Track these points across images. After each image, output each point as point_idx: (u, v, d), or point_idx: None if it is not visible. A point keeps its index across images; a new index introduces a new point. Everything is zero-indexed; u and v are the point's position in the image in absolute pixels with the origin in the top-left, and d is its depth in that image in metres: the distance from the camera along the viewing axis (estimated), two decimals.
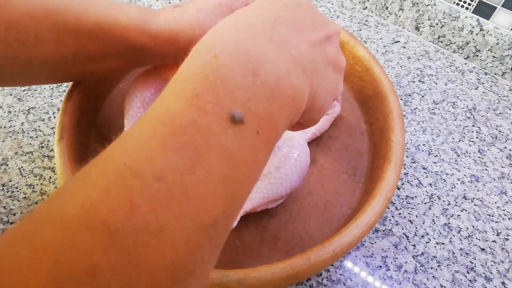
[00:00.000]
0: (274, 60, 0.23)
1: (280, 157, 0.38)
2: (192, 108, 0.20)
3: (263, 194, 0.37)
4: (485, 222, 0.45)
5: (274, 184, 0.38)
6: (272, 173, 0.38)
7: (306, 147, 0.40)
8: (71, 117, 0.41)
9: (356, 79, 0.50)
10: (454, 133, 0.51)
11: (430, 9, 0.58)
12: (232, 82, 0.21)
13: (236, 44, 0.22)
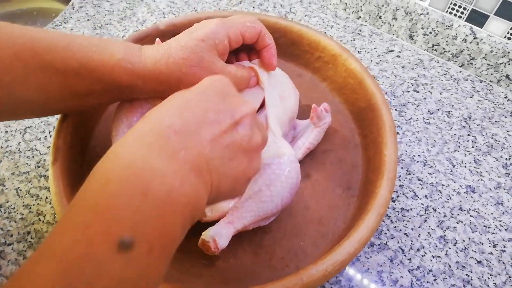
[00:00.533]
0: (165, 173, 0.24)
1: (270, 175, 0.38)
2: (82, 241, 0.21)
3: (254, 212, 0.38)
4: (481, 234, 0.44)
5: (264, 202, 0.38)
6: (262, 191, 0.38)
7: (296, 163, 0.40)
8: (65, 138, 0.41)
9: (349, 91, 0.50)
10: (450, 143, 0.51)
11: (423, 18, 0.58)
12: (121, 208, 0.22)
13: (128, 163, 0.23)
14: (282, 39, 0.54)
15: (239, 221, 0.38)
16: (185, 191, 0.24)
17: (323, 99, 0.52)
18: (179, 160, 0.25)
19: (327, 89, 0.53)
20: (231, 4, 0.66)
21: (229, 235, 0.37)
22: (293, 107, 0.46)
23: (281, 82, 0.47)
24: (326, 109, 0.46)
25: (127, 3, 0.66)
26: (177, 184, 0.24)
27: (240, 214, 0.38)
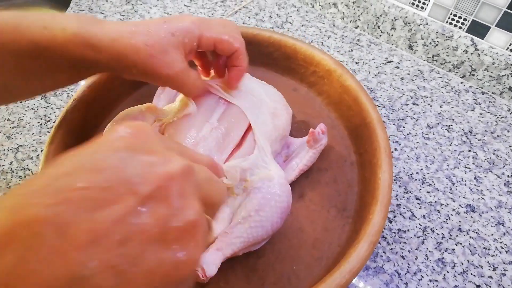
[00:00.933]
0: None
1: (259, 199, 0.37)
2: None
3: (243, 238, 0.37)
4: (481, 256, 0.43)
5: (254, 227, 0.37)
6: (252, 217, 0.37)
7: (287, 186, 0.39)
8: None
9: (344, 107, 0.49)
10: (449, 159, 0.50)
11: (422, 29, 0.56)
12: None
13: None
14: (276, 53, 0.52)
15: (229, 248, 0.37)
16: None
17: (318, 114, 0.51)
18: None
19: (322, 103, 0.52)
20: (227, 15, 0.65)
21: (218, 262, 0.36)
22: (284, 125, 0.45)
23: (274, 99, 0.46)
24: (323, 131, 0.45)
25: (121, 15, 0.65)
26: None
27: (229, 240, 0.37)
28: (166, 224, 0.18)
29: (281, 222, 0.39)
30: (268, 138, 0.42)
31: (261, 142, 0.41)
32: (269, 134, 0.42)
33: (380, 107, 0.54)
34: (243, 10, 0.66)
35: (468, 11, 0.51)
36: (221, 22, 0.39)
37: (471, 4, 0.51)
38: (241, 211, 0.38)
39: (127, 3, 0.67)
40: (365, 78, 0.57)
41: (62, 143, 0.42)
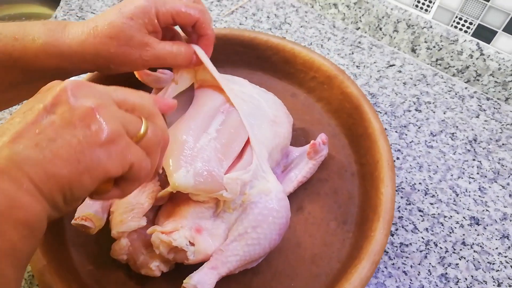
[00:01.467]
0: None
1: (257, 215, 0.35)
2: None
3: (239, 256, 0.35)
4: (485, 271, 0.42)
5: (251, 245, 0.35)
6: (248, 233, 0.35)
7: (285, 201, 0.38)
8: None
9: (345, 115, 0.47)
10: (453, 169, 0.48)
11: (426, 32, 0.54)
12: None
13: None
14: (274, 57, 0.50)
15: (224, 266, 0.35)
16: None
17: (318, 122, 0.49)
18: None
19: (322, 110, 0.50)
20: (222, 15, 0.62)
21: (212, 282, 0.34)
22: (285, 133, 0.43)
23: (274, 107, 0.44)
24: (324, 141, 0.43)
25: None
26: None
27: (225, 258, 0.35)
28: (70, 114, 0.24)
29: (279, 239, 0.37)
30: (266, 146, 0.40)
31: (257, 149, 0.39)
32: (268, 142, 0.40)
33: (381, 113, 0.53)
34: (240, 10, 0.63)
35: (474, 15, 0.49)
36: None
37: (478, 8, 0.48)
38: (237, 228, 0.36)
39: (118, 2, 0.64)
40: (366, 82, 0.55)
41: None
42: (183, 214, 0.35)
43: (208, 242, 0.36)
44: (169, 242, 0.33)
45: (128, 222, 0.34)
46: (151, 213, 0.37)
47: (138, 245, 0.36)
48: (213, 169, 0.35)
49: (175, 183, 0.33)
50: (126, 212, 0.35)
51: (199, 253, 0.35)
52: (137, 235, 0.36)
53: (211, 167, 0.35)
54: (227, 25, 0.61)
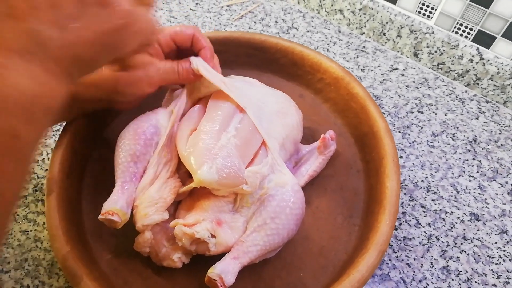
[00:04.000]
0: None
1: (275, 207, 0.37)
2: None
3: (260, 246, 0.37)
4: (484, 264, 0.43)
5: (271, 235, 0.37)
6: (268, 224, 0.37)
7: (300, 192, 0.40)
8: (62, 167, 0.41)
9: (351, 114, 0.49)
10: (454, 168, 0.50)
11: (428, 37, 0.56)
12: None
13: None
14: (283, 59, 0.53)
15: (245, 256, 0.37)
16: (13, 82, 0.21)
17: (325, 121, 0.51)
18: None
19: (329, 110, 0.52)
20: (232, 19, 0.65)
21: (235, 271, 0.36)
22: (294, 124, 0.45)
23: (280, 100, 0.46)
24: (332, 137, 0.45)
25: None
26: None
27: (246, 249, 0.37)
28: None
29: (296, 229, 0.39)
30: (277, 138, 0.42)
31: (270, 144, 0.41)
32: (278, 134, 0.42)
33: (385, 114, 0.55)
34: (249, 15, 0.66)
35: (474, 21, 0.52)
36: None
37: (478, 15, 0.51)
38: (257, 219, 0.37)
39: None
40: (370, 85, 0.58)
41: (69, 147, 0.42)
42: (203, 208, 0.37)
43: (229, 234, 0.37)
44: (191, 234, 0.35)
45: (151, 216, 0.36)
46: (172, 208, 0.39)
47: (160, 238, 0.38)
48: (235, 164, 0.37)
49: (200, 179, 0.35)
50: (150, 206, 0.37)
51: (220, 245, 0.37)
52: (159, 228, 0.38)
53: (233, 162, 0.37)
54: (237, 29, 0.64)
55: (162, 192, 0.38)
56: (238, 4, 0.67)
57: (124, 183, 0.39)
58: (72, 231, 0.38)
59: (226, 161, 0.36)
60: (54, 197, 0.38)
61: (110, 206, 0.37)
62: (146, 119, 0.42)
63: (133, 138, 0.40)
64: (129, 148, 0.39)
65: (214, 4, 0.67)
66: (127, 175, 0.39)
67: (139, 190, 0.39)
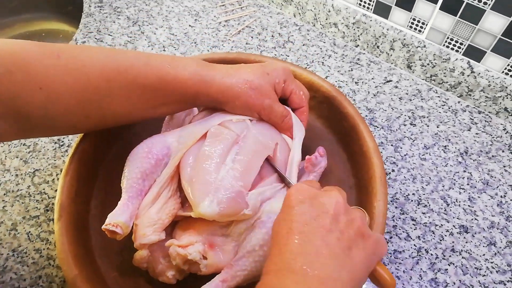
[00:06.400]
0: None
1: (264, 235, 0.39)
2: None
3: (247, 271, 0.39)
4: (472, 276, 0.45)
5: (258, 262, 0.39)
6: (256, 251, 0.39)
7: None
8: (69, 193, 0.44)
9: (343, 133, 0.51)
10: (445, 180, 0.52)
11: (420, 50, 0.57)
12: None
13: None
14: None
15: (233, 280, 0.39)
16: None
17: (319, 137, 0.53)
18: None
19: (323, 126, 0.54)
20: (230, 35, 0.67)
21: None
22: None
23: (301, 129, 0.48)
24: (321, 154, 0.47)
25: (128, 36, 0.67)
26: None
27: (235, 273, 0.39)
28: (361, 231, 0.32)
29: None
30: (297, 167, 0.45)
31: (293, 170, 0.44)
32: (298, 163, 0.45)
33: (378, 127, 0.56)
34: (246, 30, 0.68)
35: (464, 36, 0.53)
36: (301, 84, 0.47)
37: (467, 30, 0.52)
38: (246, 245, 0.40)
39: (133, 25, 0.69)
40: (364, 98, 0.59)
41: (76, 174, 0.45)
42: (198, 229, 0.40)
43: (219, 257, 0.40)
44: (184, 255, 0.37)
45: (149, 236, 0.39)
46: (169, 228, 0.42)
47: (157, 255, 0.41)
48: (235, 193, 0.39)
49: (201, 213, 0.37)
50: (148, 226, 0.39)
51: (211, 266, 0.40)
52: (156, 246, 0.40)
53: (233, 192, 0.39)
54: (235, 44, 0.66)
55: (161, 214, 0.40)
56: (235, 19, 0.68)
57: (131, 198, 0.41)
58: (80, 254, 0.41)
59: (226, 192, 0.38)
60: (63, 222, 0.41)
61: (115, 219, 0.39)
62: (161, 140, 0.44)
63: (146, 156, 0.42)
64: (140, 165, 0.41)
65: (212, 20, 0.69)
66: (134, 190, 0.42)
67: (142, 208, 0.42)
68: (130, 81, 0.39)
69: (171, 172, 0.43)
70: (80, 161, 0.46)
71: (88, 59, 0.38)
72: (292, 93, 0.45)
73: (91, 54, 0.39)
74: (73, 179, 0.45)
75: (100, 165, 0.50)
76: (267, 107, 0.43)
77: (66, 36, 0.90)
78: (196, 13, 0.71)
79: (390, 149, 0.54)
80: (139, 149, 0.43)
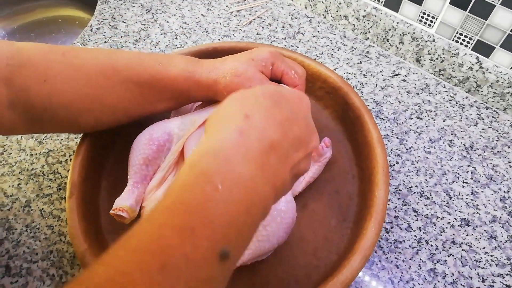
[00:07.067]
0: (265, 192, 0.26)
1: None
2: (186, 243, 0.21)
3: (251, 250, 0.41)
4: (471, 268, 0.46)
5: (261, 241, 0.41)
6: (259, 231, 0.41)
7: (292, 202, 0.43)
8: (80, 172, 0.45)
9: (349, 123, 0.52)
10: (448, 174, 0.52)
11: (429, 45, 0.58)
12: (228, 220, 0.23)
13: (235, 176, 0.25)
14: None
15: None
16: (267, 210, 0.27)
17: (325, 127, 0.54)
18: (271, 181, 0.27)
19: (329, 117, 0.55)
20: (241, 25, 0.68)
21: None
22: None
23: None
24: (327, 144, 0.48)
25: (141, 24, 0.69)
26: (268, 203, 0.27)
27: None
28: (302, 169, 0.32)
29: (286, 236, 0.42)
30: None
31: None
32: None
33: (384, 120, 0.57)
34: (257, 20, 0.68)
35: (473, 31, 0.53)
36: (294, 63, 0.46)
37: (477, 25, 0.52)
38: None
39: (147, 12, 0.70)
40: (372, 91, 0.60)
41: (87, 155, 0.47)
42: None
43: None
44: None
45: None
46: None
47: None
48: None
49: None
50: None
51: None
52: None
53: None
54: (245, 34, 0.67)
55: None
56: (247, 9, 0.69)
57: (136, 183, 0.43)
58: (90, 230, 0.43)
59: None
60: (74, 200, 0.43)
61: (121, 203, 0.41)
62: (162, 127, 0.46)
63: (148, 143, 0.44)
64: (143, 152, 0.43)
65: (224, 10, 0.70)
66: (139, 176, 0.44)
67: (147, 192, 0.44)
68: (126, 78, 0.42)
69: (175, 158, 0.44)
70: (92, 143, 0.48)
71: (89, 58, 0.42)
72: (284, 74, 0.45)
73: (92, 54, 0.43)
74: (84, 160, 0.47)
75: (111, 150, 0.52)
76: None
77: (81, 23, 0.92)
78: (208, 2, 0.72)
79: (395, 141, 0.55)
80: (141, 137, 0.45)
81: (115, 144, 0.52)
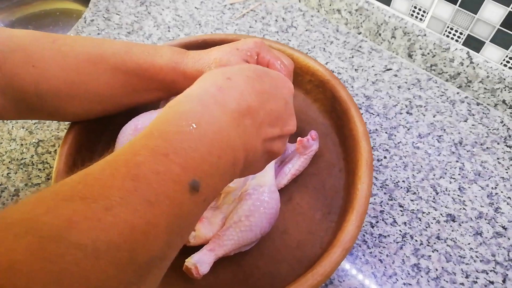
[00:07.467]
0: (236, 147, 0.28)
1: (250, 206, 0.41)
2: (159, 163, 0.23)
3: (234, 241, 0.41)
4: (455, 264, 0.46)
5: (244, 231, 0.41)
6: (242, 221, 0.41)
7: (276, 193, 0.43)
8: (67, 161, 0.46)
9: (336, 117, 0.51)
10: (436, 169, 0.52)
11: (420, 39, 0.57)
12: (200, 156, 0.25)
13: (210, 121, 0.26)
14: None
15: (220, 249, 0.41)
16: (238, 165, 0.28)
17: (313, 121, 0.54)
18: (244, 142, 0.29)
19: (318, 110, 0.54)
20: (234, 18, 0.68)
21: (210, 262, 0.40)
22: None
23: None
24: (313, 137, 0.48)
25: (135, 16, 0.69)
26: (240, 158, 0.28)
27: (222, 242, 0.41)
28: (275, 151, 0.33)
29: (269, 227, 0.42)
30: None
31: None
32: None
33: (374, 114, 0.57)
34: (251, 14, 0.68)
35: (463, 26, 0.52)
36: (282, 54, 0.46)
37: (467, 20, 0.51)
38: (233, 216, 0.42)
39: (141, 5, 0.71)
40: (362, 85, 0.59)
41: (74, 143, 0.47)
42: None
43: (208, 228, 0.42)
44: None
45: None
46: None
47: None
48: None
49: None
50: None
51: (199, 238, 0.42)
52: None
53: None
54: (238, 27, 0.67)
55: None
56: (240, 2, 0.69)
57: None
58: None
59: None
60: None
61: None
62: (148, 117, 0.46)
63: (133, 134, 0.45)
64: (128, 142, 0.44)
65: (218, 3, 0.70)
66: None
67: None
68: (113, 66, 0.43)
69: None
70: (79, 132, 0.48)
71: (78, 45, 0.43)
72: (269, 64, 0.45)
73: (82, 42, 0.43)
74: (71, 148, 0.47)
75: (99, 140, 0.53)
76: None
77: (78, 16, 0.92)
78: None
79: (384, 136, 0.55)
80: (127, 127, 0.45)
81: (103, 135, 0.53)
